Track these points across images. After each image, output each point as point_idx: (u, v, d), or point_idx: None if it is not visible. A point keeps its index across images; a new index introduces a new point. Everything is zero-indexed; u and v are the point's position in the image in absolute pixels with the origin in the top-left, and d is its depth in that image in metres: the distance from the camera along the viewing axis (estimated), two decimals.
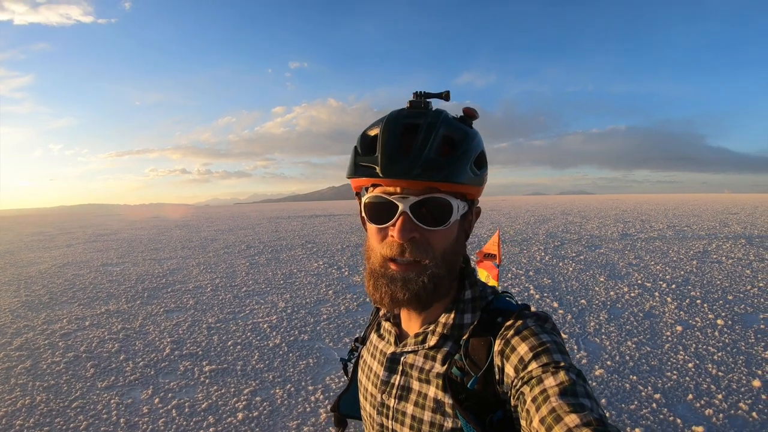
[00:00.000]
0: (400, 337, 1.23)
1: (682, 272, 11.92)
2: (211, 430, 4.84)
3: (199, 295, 10.79)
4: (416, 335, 1.16)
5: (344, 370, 1.44)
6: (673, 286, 10.41)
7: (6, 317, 9.65)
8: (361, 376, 1.30)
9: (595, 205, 56.44)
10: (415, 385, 1.12)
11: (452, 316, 1.12)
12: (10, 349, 7.62)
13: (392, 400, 1.15)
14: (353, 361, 1.44)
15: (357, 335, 1.53)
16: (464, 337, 1.09)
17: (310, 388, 5.76)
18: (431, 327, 1.14)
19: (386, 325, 1.28)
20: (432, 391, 1.08)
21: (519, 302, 1.16)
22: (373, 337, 1.33)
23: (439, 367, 1.09)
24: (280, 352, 6.94)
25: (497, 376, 1.00)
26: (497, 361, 1.01)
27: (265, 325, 8.26)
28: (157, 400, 5.52)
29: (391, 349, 1.21)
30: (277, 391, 5.67)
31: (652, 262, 13.34)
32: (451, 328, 1.11)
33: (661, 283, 10.72)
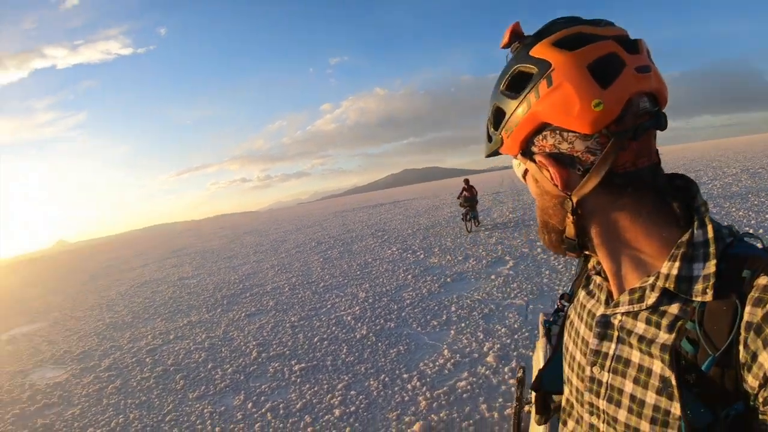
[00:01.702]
0: (614, 294, 0.86)
1: None
2: (309, 430, 4.65)
3: (278, 296, 10.80)
4: (631, 291, 0.80)
5: (547, 335, 1.10)
6: (761, 231, 9.51)
7: (93, 341, 9.99)
8: (568, 341, 0.98)
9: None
10: (635, 356, 0.78)
11: (677, 265, 0.73)
12: (100, 371, 7.81)
13: (605, 374, 0.82)
14: (559, 323, 1.11)
15: (563, 292, 1.16)
16: (697, 298, 0.72)
17: (405, 376, 5.49)
18: (650, 280, 0.77)
19: (597, 279, 0.93)
20: (657, 366, 0.74)
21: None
22: (581, 294, 0.98)
23: (664, 336, 0.74)
24: (368, 343, 6.73)
25: (743, 358, 0.68)
26: (745, 337, 0.67)
27: (348, 318, 8.08)
28: (250, 405, 5.41)
29: (602, 309, 0.86)
30: (372, 382, 5.43)
31: (733, 209, 12.32)
32: (676, 281, 0.73)
33: (747, 229, 9.75)
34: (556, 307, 1.15)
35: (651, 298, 0.76)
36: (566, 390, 0.96)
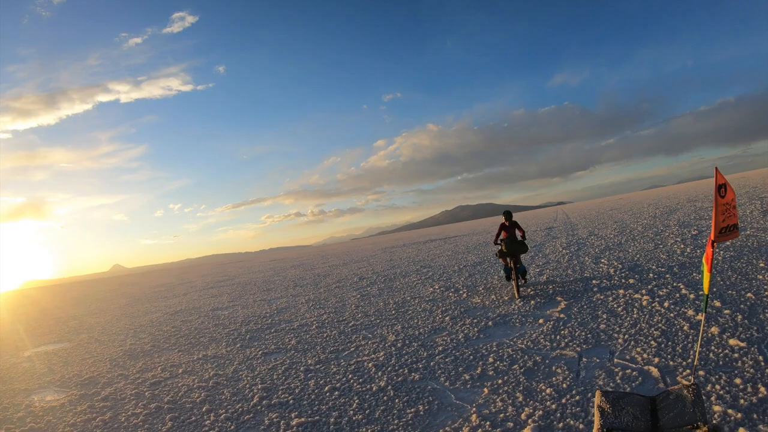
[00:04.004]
0: None
1: None
2: None
3: (302, 334, 9.99)
4: None
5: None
6: None
7: (103, 366, 9.55)
8: None
9: None
10: None
11: None
12: (97, 400, 7.32)
13: None
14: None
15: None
16: None
17: None
18: None
19: None
20: None
21: None
22: None
23: None
24: (385, 398, 5.73)
25: None
26: None
27: (370, 364, 7.13)
28: None
29: None
30: None
31: None
32: None
33: None
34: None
35: None
36: None
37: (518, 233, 11.72)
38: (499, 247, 11.52)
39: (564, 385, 5.26)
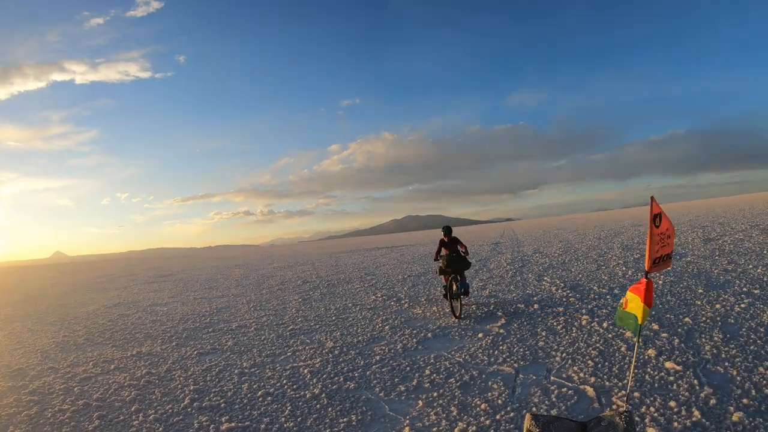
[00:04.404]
0: None
1: None
2: None
3: (240, 336, 9.97)
4: None
5: None
6: None
7: (35, 358, 9.30)
8: None
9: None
10: None
11: None
12: (24, 393, 7.14)
13: None
14: None
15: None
16: None
17: None
18: None
19: None
20: None
21: None
22: None
23: None
24: (318, 406, 5.81)
25: None
26: None
27: (305, 371, 7.21)
28: None
29: None
30: None
31: (750, 266, 11.66)
32: None
33: None
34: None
35: None
36: None
37: (460, 249, 11.01)
38: (439, 264, 11.02)
39: (499, 401, 5.42)
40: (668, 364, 5.91)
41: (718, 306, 8.43)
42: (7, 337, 11.91)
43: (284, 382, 6.79)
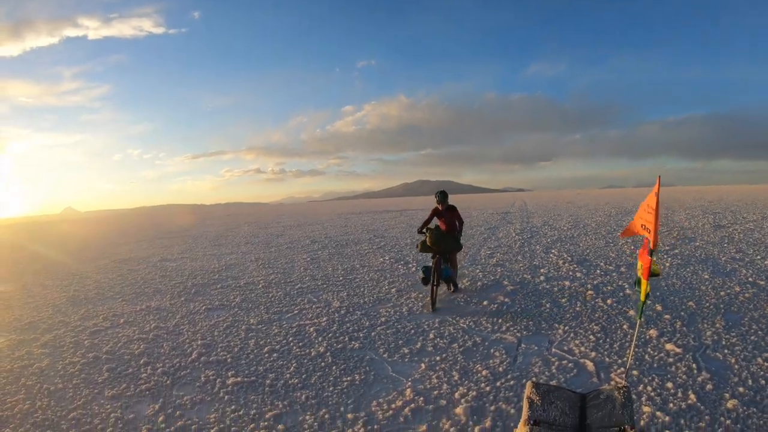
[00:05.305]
0: None
1: None
2: None
3: (248, 293, 10.06)
4: None
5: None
6: None
7: (46, 312, 9.42)
8: None
9: (676, 196, 53.30)
10: None
11: None
12: (35, 346, 7.23)
13: None
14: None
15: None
16: None
17: (349, 416, 4.58)
18: None
19: None
20: None
21: None
22: None
23: None
24: (322, 364, 5.88)
25: None
26: None
27: (311, 329, 7.28)
28: (161, 418, 4.64)
29: None
30: (307, 417, 4.56)
31: (758, 257, 11.47)
32: None
33: None
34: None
35: None
36: None
37: (457, 220, 9.18)
38: (423, 238, 8.73)
39: (500, 369, 5.46)
40: (669, 346, 5.89)
41: (722, 293, 8.32)
42: (20, 291, 12.07)
43: (290, 339, 6.86)
